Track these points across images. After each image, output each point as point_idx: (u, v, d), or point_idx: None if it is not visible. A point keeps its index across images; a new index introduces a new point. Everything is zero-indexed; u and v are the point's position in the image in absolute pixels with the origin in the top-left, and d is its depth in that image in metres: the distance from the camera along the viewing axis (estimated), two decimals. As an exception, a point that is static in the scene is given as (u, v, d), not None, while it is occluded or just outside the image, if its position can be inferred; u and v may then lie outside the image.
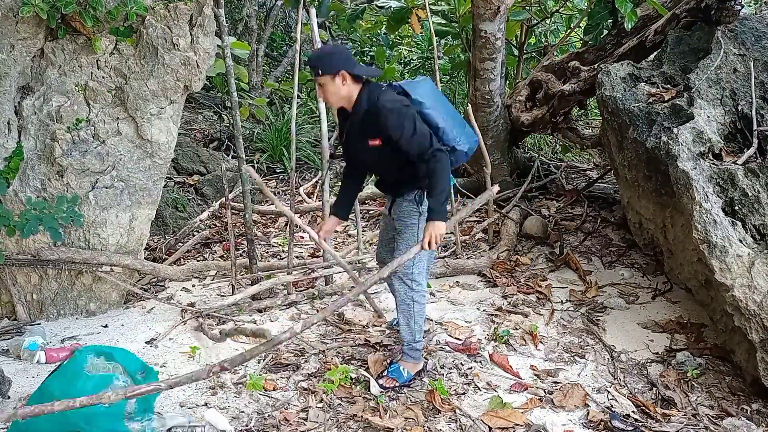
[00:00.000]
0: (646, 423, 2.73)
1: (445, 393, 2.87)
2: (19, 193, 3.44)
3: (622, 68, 4.19)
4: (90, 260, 3.56)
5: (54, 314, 3.66)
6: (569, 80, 5.17)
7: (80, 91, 3.48)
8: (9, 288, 3.57)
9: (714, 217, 3.07)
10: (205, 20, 3.53)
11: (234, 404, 2.85)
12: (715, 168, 3.26)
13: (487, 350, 3.33)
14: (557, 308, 3.82)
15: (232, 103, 3.86)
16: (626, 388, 3.02)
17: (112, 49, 3.49)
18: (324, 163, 4.17)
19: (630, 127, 3.84)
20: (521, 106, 5.82)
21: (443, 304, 3.93)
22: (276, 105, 7.94)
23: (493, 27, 4.77)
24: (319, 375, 3.05)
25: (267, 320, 3.69)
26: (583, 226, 5.01)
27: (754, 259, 2.94)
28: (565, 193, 5.68)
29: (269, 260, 4.71)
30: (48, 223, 3.13)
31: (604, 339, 3.46)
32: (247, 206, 3.92)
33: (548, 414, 2.80)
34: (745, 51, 3.81)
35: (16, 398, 2.79)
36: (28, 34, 3.36)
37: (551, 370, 3.17)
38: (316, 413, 2.77)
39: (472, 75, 5.22)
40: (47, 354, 3.14)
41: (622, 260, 4.43)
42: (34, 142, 3.47)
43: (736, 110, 3.60)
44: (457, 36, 6.79)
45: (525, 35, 6.58)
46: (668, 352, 3.30)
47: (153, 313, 3.78)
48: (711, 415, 2.80)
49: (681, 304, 3.78)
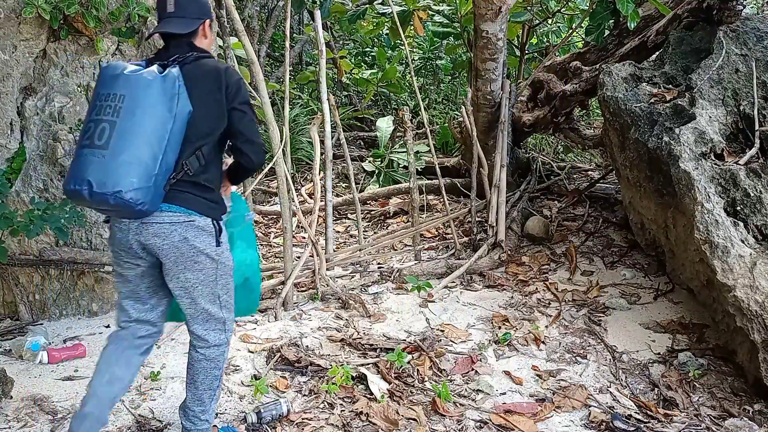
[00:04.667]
0: (648, 423, 2.73)
1: (449, 398, 2.87)
2: (22, 194, 3.45)
3: (623, 68, 4.19)
4: (92, 261, 3.57)
5: (56, 314, 3.66)
6: (571, 80, 5.17)
7: (82, 91, 3.49)
8: (11, 288, 3.58)
9: (716, 217, 3.07)
10: (206, 21, 3.53)
11: (235, 405, 2.86)
12: (717, 168, 3.26)
13: (488, 353, 3.34)
14: (558, 308, 3.82)
15: (233, 104, 3.87)
16: (628, 389, 3.02)
17: (115, 49, 3.50)
18: (327, 164, 4.18)
19: (632, 127, 3.84)
20: (523, 106, 5.83)
21: (443, 304, 3.93)
22: (278, 105, 7.95)
23: (495, 27, 4.77)
24: (321, 375, 3.06)
25: (267, 320, 3.70)
26: (584, 226, 5.01)
27: (756, 260, 2.93)
28: (567, 193, 5.68)
29: (270, 261, 4.72)
30: (53, 223, 3.14)
31: (606, 339, 3.46)
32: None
33: (550, 415, 2.80)
34: (746, 51, 3.80)
35: (18, 398, 2.80)
36: (31, 34, 3.37)
37: (553, 370, 3.17)
38: (318, 413, 2.77)
39: (474, 75, 5.22)
40: (50, 354, 3.14)
41: (624, 260, 4.43)
42: (36, 143, 3.47)
43: (738, 110, 3.59)
44: (459, 36, 6.80)
45: (527, 35, 6.58)
46: (670, 352, 3.30)
47: (155, 313, 3.78)
48: (713, 415, 2.79)
49: (683, 305, 3.77)
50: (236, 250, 2.38)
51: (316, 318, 3.73)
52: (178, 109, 1.99)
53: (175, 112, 1.98)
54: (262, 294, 3.94)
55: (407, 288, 4.15)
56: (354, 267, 4.35)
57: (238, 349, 3.33)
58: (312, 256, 4.02)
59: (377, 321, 3.70)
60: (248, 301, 2.51)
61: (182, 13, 2.12)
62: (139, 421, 2.69)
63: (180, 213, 2.06)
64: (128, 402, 2.82)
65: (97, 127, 1.92)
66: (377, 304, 3.93)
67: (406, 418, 2.74)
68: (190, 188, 2.07)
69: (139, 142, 1.91)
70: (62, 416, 2.70)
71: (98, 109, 1.95)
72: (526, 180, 5.83)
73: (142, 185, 1.90)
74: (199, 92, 2.06)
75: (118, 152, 1.89)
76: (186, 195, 2.07)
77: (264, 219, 5.78)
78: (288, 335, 3.49)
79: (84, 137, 1.95)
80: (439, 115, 8.38)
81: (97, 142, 1.91)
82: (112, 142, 1.90)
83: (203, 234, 2.09)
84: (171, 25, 2.13)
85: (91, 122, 1.95)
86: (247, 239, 2.50)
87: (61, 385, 2.95)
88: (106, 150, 1.89)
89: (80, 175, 1.89)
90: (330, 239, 4.38)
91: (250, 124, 2.15)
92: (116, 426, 2.66)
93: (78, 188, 1.89)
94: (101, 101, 1.96)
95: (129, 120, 1.91)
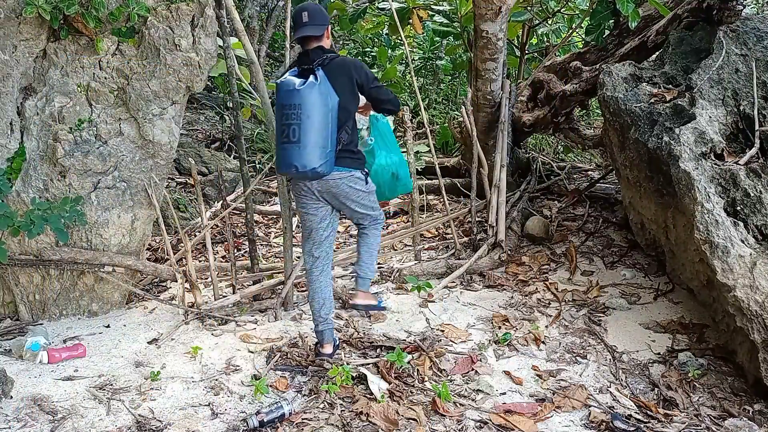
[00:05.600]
0: (648, 423, 2.73)
1: (449, 398, 2.87)
2: (22, 194, 3.45)
3: (623, 68, 4.19)
4: (92, 261, 3.57)
5: (56, 314, 3.67)
6: (571, 80, 5.18)
7: (82, 91, 3.49)
8: (11, 288, 3.58)
9: (716, 217, 3.07)
10: (206, 21, 3.53)
11: (235, 405, 2.86)
12: (717, 168, 3.26)
13: (488, 353, 3.34)
14: (558, 308, 3.82)
15: (233, 104, 3.87)
16: (628, 389, 3.02)
17: (114, 49, 3.50)
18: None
19: (632, 127, 3.84)
20: (523, 106, 5.83)
21: (443, 304, 3.93)
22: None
23: (495, 27, 4.76)
24: (321, 375, 3.06)
25: (267, 320, 3.70)
26: (584, 226, 5.01)
27: (756, 260, 2.93)
28: (567, 193, 5.68)
29: (271, 261, 4.72)
30: (54, 223, 3.14)
31: (606, 339, 3.46)
32: (248, 207, 3.93)
33: (550, 415, 2.80)
34: (746, 51, 3.80)
35: (18, 398, 2.80)
36: (31, 34, 3.37)
37: (553, 370, 3.17)
38: (318, 413, 2.77)
39: (474, 75, 5.22)
40: (49, 354, 3.15)
41: (624, 260, 4.43)
42: (36, 143, 3.47)
43: (738, 110, 3.59)
44: (459, 36, 6.79)
45: (527, 35, 6.58)
46: (670, 352, 3.30)
47: (155, 313, 3.78)
48: (713, 415, 2.79)
49: (683, 305, 3.77)
50: (380, 158, 3.54)
51: (316, 318, 3.73)
52: (331, 102, 2.91)
53: (330, 106, 2.90)
54: (262, 293, 3.95)
55: (407, 288, 4.15)
56: (354, 267, 4.35)
57: (238, 349, 3.33)
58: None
59: (377, 321, 3.70)
60: (402, 186, 3.71)
61: (314, 21, 3.00)
62: (139, 421, 2.69)
63: (344, 171, 3.06)
64: (128, 402, 2.83)
65: (289, 129, 2.89)
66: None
67: (406, 418, 2.74)
68: (346, 154, 3.06)
69: (316, 134, 2.87)
70: (62, 416, 2.70)
71: (286, 117, 2.90)
72: (526, 180, 5.84)
73: (323, 161, 2.90)
74: (339, 85, 2.95)
75: (305, 144, 2.87)
76: (345, 159, 3.05)
77: (264, 219, 5.79)
78: (288, 335, 3.49)
79: (282, 136, 2.92)
80: (439, 115, 8.38)
81: (292, 139, 2.88)
82: (301, 138, 2.87)
83: (359, 181, 3.14)
84: (307, 30, 3.00)
85: (284, 126, 2.91)
86: (387, 147, 3.59)
87: (61, 385, 2.95)
88: (299, 144, 2.87)
89: (288, 162, 2.91)
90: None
91: (384, 91, 3.13)
92: (116, 426, 2.66)
93: (288, 171, 2.95)
94: (286, 110, 2.90)
95: (306, 121, 2.86)
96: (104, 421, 2.69)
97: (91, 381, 3.00)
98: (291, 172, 2.94)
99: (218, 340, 3.42)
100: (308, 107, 2.85)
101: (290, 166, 2.90)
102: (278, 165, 3.00)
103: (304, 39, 3.03)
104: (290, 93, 2.89)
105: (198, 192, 3.80)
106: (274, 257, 4.91)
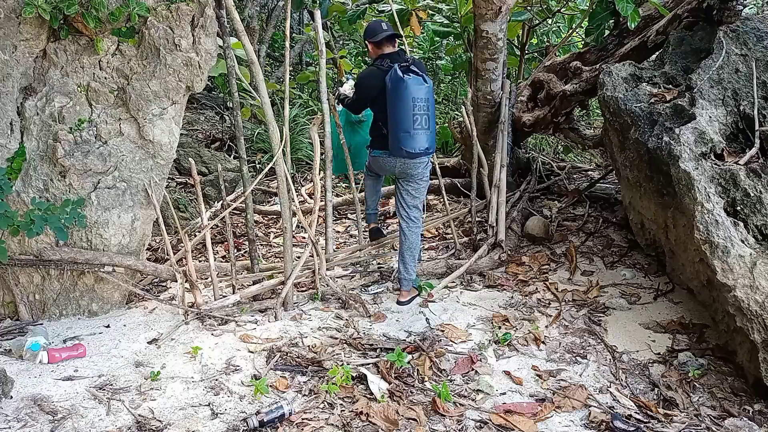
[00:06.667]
0: (648, 423, 2.73)
1: (449, 398, 2.87)
2: (22, 194, 3.44)
3: (623, 68, 4.19)
4: (92, 261, 3.56)
5: (56, 314, 3.66)
6: (571, 80, 5.18)
7: (82, 91, 3.49)
8: (11, 288, 3.57)
9: (716, 217, 3.07)
10: (206, 21, 3.53)
11: (235, 405, 2.86)
12: (717, 168, 3.26)
13: (488, 353, 3.34)
14: (558, 308, 3.82)
15: (233, 104, 3.87)
16: (628, 389, 3.02)
17: (114, 49, 3.50)
18: (327, 164, 4.17)
19: (632, 127, 3.84)
20: (523, 106, 5.83)
21: (443, 304, 3.93)
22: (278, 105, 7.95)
23: (495, 27, 4.77)
24: (321, 375, 3.06)
25: (267, 320, 3.70)
26: (584, 226, 5.01)
27: (756, 260, 2.93)
28: (567, 193, 5.68)
29: (271, 261, 4.72)
30: (53, 223, 3.14)
31: (606, 339, 3.46)
32: (248, 207, 3.93)
33: (550, 415, 2.80)
34: (746, 51, 3.80)
35: (18, 398, 2.80)
36: (31, 35, 3.37)
37: (553, 370, 3.17)
38: (318, 413, 2.77)
39: (474, 75, 5.22)
40: (49, 354, 3.14)
41: (624, 260, 4.43)
42: (36, 143, 3.47)
43: (738, 110, 3.59)
44: (459, 36, 6.79)
45: (527, 35, 6.58)
46: (670, 352, 3.30)
47: (155, 313, 3.78)
48: (713, 415, 2.79)
49: (683, 305, 3.77)
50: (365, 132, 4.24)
51: (316, 318, 3.73)
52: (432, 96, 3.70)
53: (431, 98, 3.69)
54: (262, 294, 3.95)
55: (407, 288, 4.14)
56: (354, 267, 4.36)
57: (238, 349, 3.33)
58: (312, 256, 4.02)
59: (377, 321, 3.70)
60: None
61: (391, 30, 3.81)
62: (139, 421, 2.69)
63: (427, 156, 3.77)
64: (128, 402, 2.83)
65: (421, 118, 3.59)
66: (377, 304, 3.94)
67: (406, 418, 2.74)
68: None
69: (434, 122, 3.70)
70: (62, 416, 2.70)
71: (417, 108, 3.56)
72: (526, 180, 5.84)
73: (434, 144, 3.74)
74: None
75: (432, 130, 3.68)
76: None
77: (264, 219, 5.78)
78: (288, 335, 3.49)
79: (415, 124, 3.58)
80: (439, 115, 8.38)
81: (425, 126, 3.62)
82: (430, 125, 3.65)
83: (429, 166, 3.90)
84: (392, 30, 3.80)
85: (416, 115, 3.57)
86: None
87: (61, 385, 2.94)
88: (429, 130, 3.65)
89: (422, 145, 3.64)
90: (330, 239, 4.39)
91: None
92: (116, 426, 2.66)
93: (421, 150, 3.64)
94: (416, 102, 3.56)
95: (430, 111, 3.64)
96: (104, 421, 2.69)
97: (91, 381, 3.00)
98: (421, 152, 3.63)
99: (218, 340, 3.42)
100: (429, 100, 3.62)
101: (422, 147, 3.61)
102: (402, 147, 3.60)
103: (391, 38, 3.76)
104: (421, 88, 3.58)
105: (198, 192, 3.79)
106: (274, 257, 4.91)
